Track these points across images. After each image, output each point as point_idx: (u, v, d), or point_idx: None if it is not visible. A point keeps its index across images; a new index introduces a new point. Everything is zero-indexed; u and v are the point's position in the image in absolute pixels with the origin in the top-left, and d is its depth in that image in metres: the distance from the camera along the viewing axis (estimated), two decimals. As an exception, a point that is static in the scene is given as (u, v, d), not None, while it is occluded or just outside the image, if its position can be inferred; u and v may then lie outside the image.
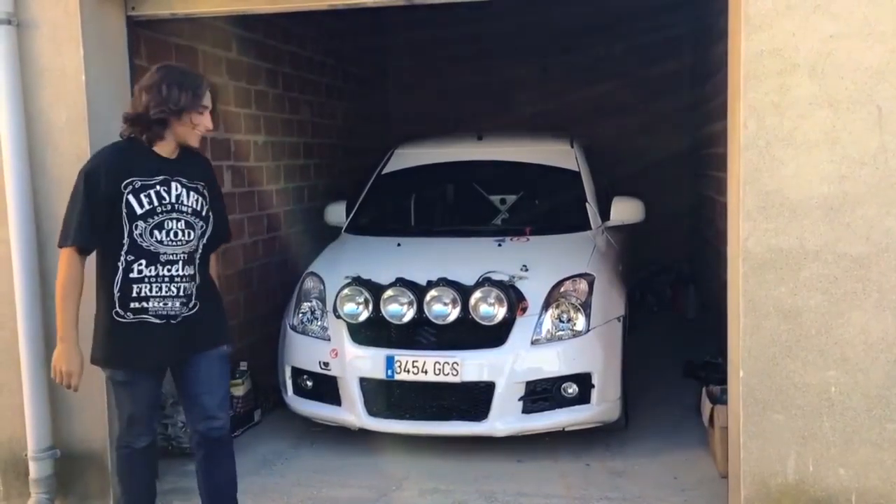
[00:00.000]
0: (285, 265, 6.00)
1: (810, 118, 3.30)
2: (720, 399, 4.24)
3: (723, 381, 4.12)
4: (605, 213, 5.47)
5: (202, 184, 3.30)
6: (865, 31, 3.24)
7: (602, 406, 4.50)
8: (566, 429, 4.50)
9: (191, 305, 3.25)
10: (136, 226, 3.12)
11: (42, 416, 3.95)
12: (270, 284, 5.93)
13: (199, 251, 3.28)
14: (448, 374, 4.37)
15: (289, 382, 4.80)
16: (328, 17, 6.53)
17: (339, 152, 7.35)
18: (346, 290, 4.57)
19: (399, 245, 5.16)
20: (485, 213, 5.94)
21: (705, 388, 4.56)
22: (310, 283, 4.89)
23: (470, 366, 4.38)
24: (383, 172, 6.00)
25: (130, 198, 3.11)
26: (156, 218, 3.14)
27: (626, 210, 5.48)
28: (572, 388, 4.43)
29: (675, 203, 8.00)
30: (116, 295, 3.14)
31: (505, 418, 4.39)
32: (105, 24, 4.01)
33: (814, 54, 3.28)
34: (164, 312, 3.18)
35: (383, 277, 4.58)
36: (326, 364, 4.58)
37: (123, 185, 3.11)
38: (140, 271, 3.13)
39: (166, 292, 3.17)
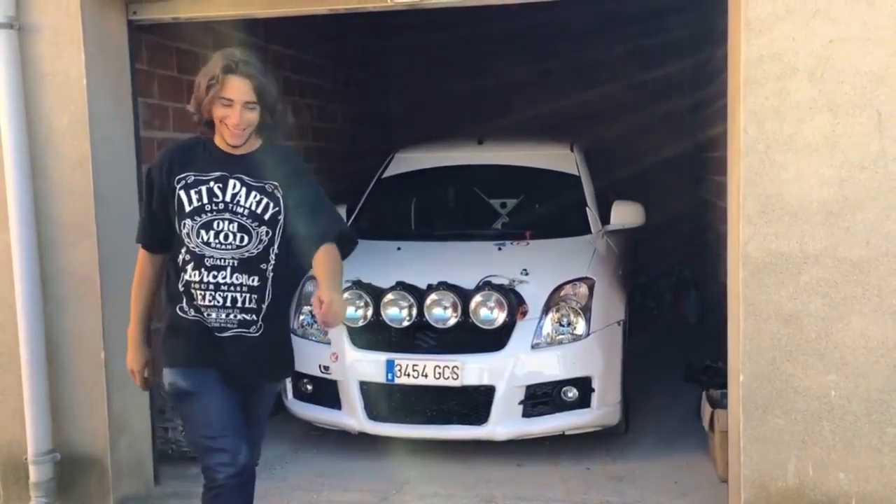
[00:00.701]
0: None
1: (810, 122, 3.31)
2: (720, 403, 4.24)
3: (723, 385, 4.12)
4: (605, 217, 5.48)
5: (273, 184, 2.85)
6: (865, 35, 3.25)
7: (602, 410, 4.50)
8: (566, 433, 4.50)
9: (258, 326, 2.84)
10: (184, 224, 2.82)
11: (42, 420, 3.94)
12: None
13: (271, 262, 2.84)
14: (448, 377, 4.37)
15: (289, 386, 4.80)
16: (328, 21, 6.54)
17: (339, 156, 7.35)
18: (346, 294, 4.56)
19: (399, 249, 5.16)
20: (485, 216, 5.94)
21: (705, 392, 4.56)
22: (310, 287, 4.88)
23: (470, 369, 4.38)
24: (383, 176, 6.00)
25: (181, 193, 2.83)
26: (203, 216, 2.81)
27: (626, 214, 5.48)
28: (572, 392, 4.43)
29: (676, 207, 7.99)
30: (181, 290, 2.85)
31: (505, 422, 4.39)
32: (106, 28, 4.01)
33: (813, 59, 3.29)
34: (210, 324, 2.83)
35: (383, 281, 4.58)
36: (327, 368, 4.58)
37: (177, 179, 2.84)
38: (191, 274, 2.82)
39: (210, 301, 2.81)
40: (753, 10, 3.32)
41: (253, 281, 2.82)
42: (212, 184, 2.83)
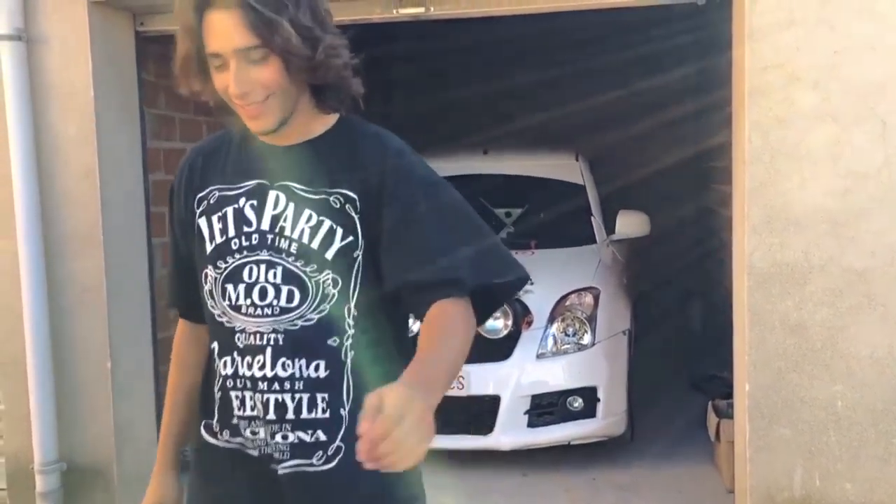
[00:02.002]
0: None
1: (815, 132, 3.31)
2: (726, 413, 4.23)
3: (729, 394, 4.11)
4: (610, 227, 5.48)
5: (344, 194, 1.61)
6: (869, 45, 3.25)
7: (608, 420, 4.49)
8: (572, 442, 4.49)
9: (328, 452, 1.60)
10: (206, 275, 1.65)
11: (49, 430, 3.95)
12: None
13: (347, 333, 1.60)
14: (454, 387, 4.36)
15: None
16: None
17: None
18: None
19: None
20: (490, 226, 5.93)
21: (711, 401, 4.55)
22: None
23: (475, 379, 4.37)
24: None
25: (202, 222, 1.67)
26: (229, 259, 1.62)
27: (631, 223, 5.48)
28: (578, 402, 4.43)
29: (681, 216, 8.00)
30: (217, 395, 1.67)
31: (510, 432, 4.38)
32: (114, 39, 4.04)
33: (818, 68, 3.29)
34: (256, 447, 1.63)
35: (389, 290, 4.58)
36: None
37: (198, 198, 1.69)
38: (220, 363, 1.66)
39: (250, 409, 1.61)
40: (758, 19, 3.32)
41: (316, 369, 1.58)
42: (241, 202, 1.63)
